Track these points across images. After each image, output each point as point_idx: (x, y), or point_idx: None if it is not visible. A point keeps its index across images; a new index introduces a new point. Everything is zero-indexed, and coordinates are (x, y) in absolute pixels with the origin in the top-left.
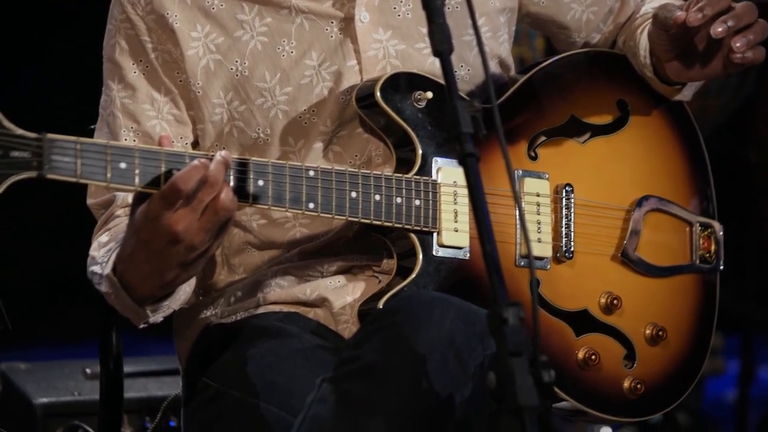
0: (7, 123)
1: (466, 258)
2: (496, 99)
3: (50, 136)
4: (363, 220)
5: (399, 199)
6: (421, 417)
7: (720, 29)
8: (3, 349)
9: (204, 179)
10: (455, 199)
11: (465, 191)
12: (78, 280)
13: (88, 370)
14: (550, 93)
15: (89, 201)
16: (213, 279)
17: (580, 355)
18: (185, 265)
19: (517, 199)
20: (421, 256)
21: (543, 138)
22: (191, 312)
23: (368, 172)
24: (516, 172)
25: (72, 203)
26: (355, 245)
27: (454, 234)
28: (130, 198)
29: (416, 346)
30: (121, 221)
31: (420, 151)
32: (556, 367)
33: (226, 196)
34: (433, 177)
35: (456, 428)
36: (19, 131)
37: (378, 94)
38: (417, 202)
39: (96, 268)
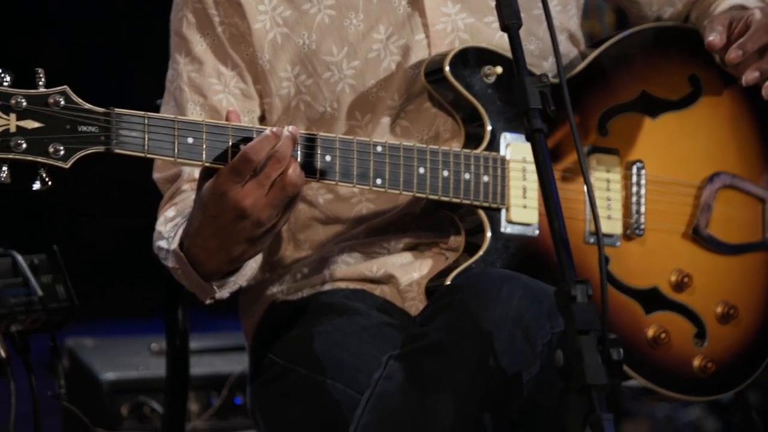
0: (75, 98)
1: (535, 235)
2: (566, 74)
3: (118, 110)
4: (431, 196)
5: (467, 175)
6: (488, 395)
7: (751, 78)
8: (69, 325)
9: (272, 154)
10: (524, 176)
11: (534, 167)
12: (144, 255)
13: (154, 346)
14: (620, 68)
15: (155, 175)
16: (279, 255)
17: (650, 333)
18: (252, 240)
19: (585, 176)
20: (489, 233)
21: (613, 113)
22: (257, 288)
23: (436, 147)
24: (585, 148)
25: (137, 178)
26: (423, 221)
27: (523, 210)
28: (196, 172)
29: (484, 324)
30: (187, 196)
31: (489, 127)
32: (625, 345)
33: (294, 171)
34: (502, 153)
35: (523, 406)
36: (87, 106)
37: (447, 68)
38: (485, 178)
39: (162, 243)
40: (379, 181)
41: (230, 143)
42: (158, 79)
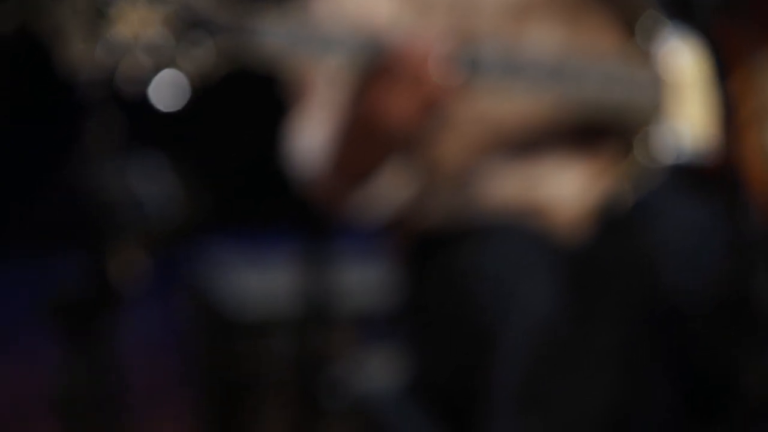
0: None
1: (706, 155)
2: None
3: (250, 15)
4: (590, 109)
5: (631, 87)
6: (653, 324)
7: None
8: (191, 250)
9: (418, 60)
10: (693, 90)
11: (706, 80)
12: (276, 172)
13: (288, 281)
14: None
15: (289, 85)
16: (425, 179)
17: None
18: (394, 150)
19: (763, 89)
20: (654, 153)
21: None
22: (401, 218)
23: (597, 53)
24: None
25: (271, 89)
26: (581, 138)
27: (690, 128)
28: (332, 80)
29: (650, 253)
30: (323, 105)
31: (659, 34)
32: None
33: (440, 77)
34: (672, 64)
35: (692, 338)
36: (219, 8)
37: None
38: (651, 91)
39: (297, 155)
40: (533, 89)
41: (373, 49)
42: None
